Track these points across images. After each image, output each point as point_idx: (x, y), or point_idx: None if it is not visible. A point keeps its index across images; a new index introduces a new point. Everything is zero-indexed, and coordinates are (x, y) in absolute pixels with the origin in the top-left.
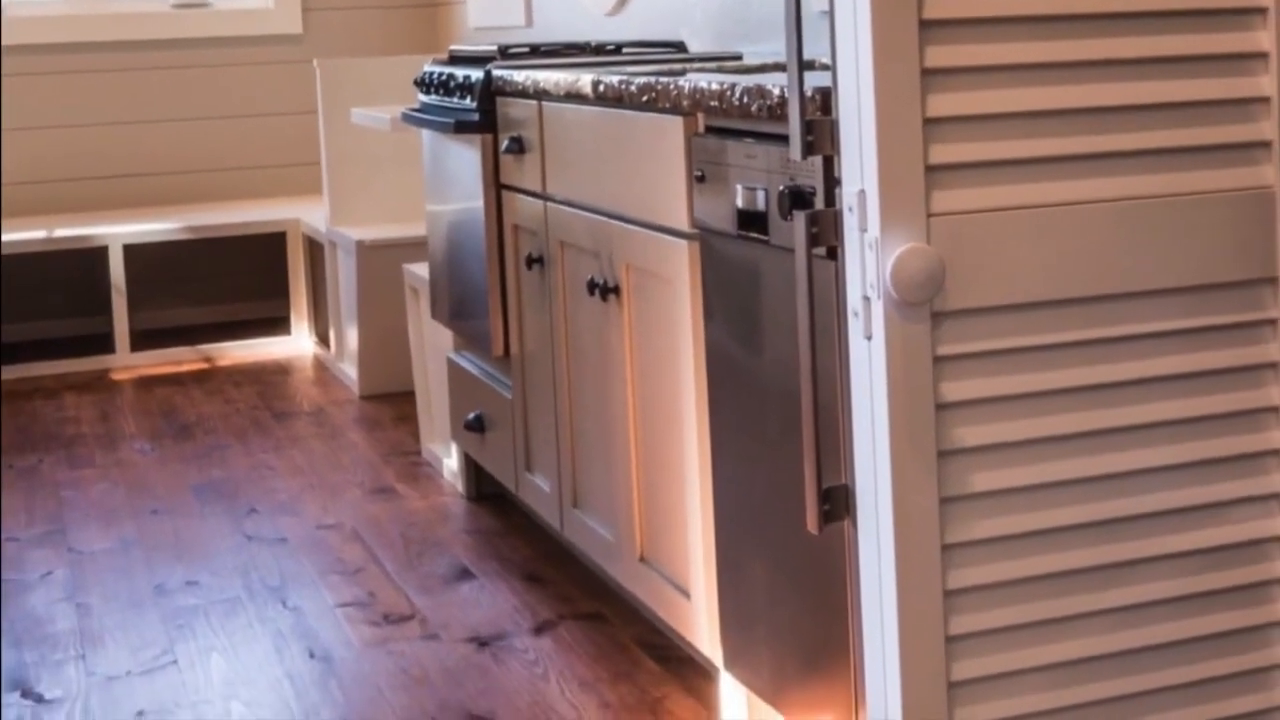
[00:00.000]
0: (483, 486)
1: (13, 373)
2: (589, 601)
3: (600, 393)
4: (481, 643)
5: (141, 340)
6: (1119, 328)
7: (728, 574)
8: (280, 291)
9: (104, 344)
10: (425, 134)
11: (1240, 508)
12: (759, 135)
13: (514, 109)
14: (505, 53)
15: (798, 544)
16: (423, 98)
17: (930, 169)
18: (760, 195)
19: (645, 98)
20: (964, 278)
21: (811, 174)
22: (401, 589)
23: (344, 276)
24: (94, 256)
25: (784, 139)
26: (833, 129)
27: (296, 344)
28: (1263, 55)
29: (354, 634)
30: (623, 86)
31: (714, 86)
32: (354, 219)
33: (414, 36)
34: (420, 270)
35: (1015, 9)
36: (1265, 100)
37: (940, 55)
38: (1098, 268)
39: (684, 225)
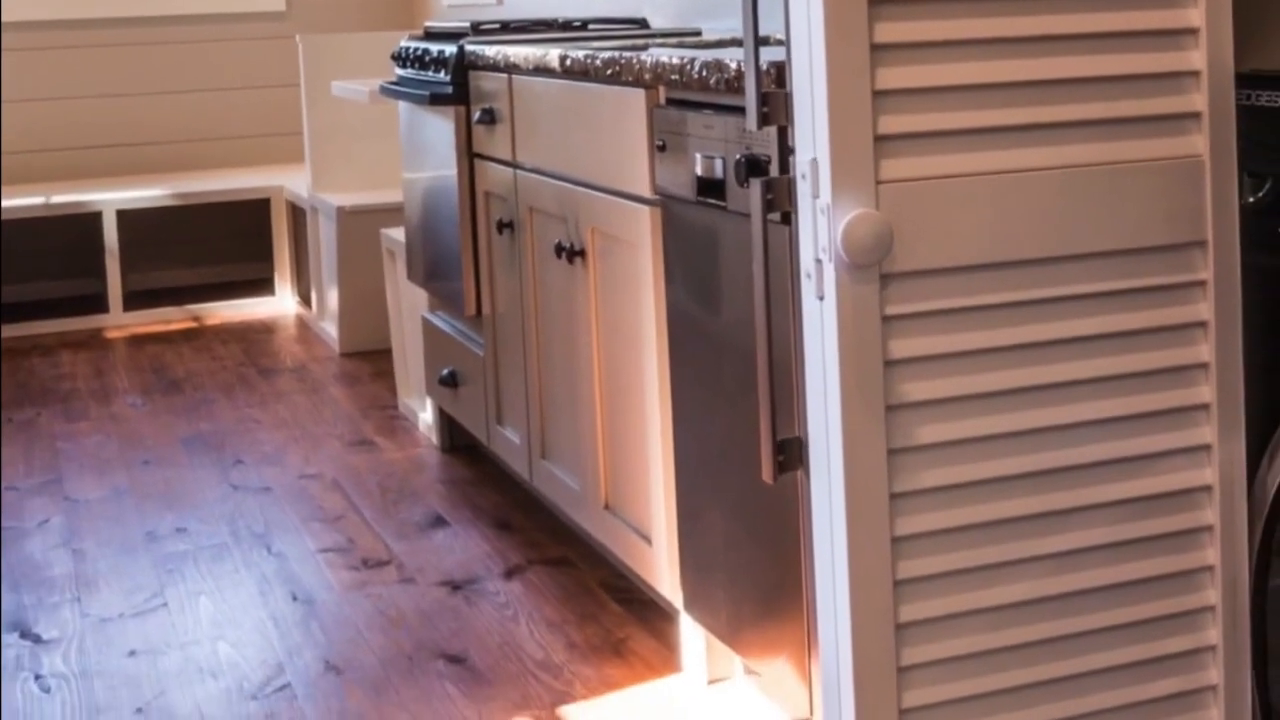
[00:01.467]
0: (456, 439)
1: (12, 331)
2: (556, 547)
3: (567, 350)
4: (455, 586)
5: (133, 300)
6: (1057, 289)
7: (687, 521)
8: (264, 254)
9: (98, 304)
10: (402, 106)
11: (1172, 458)
12: (717, 107)
13: (485, 82)
14: (477, 29)
15: (753, 493)
16: (399, 72)
17: (879, 139)
18: (718, 163)
19: (609, 71)
20: (910, 241)
21: (766, 143)
22: (379, 535)
23: (325, 240)
24: (89, 221)
25: (741, 110)
26: (787, 101)
27: (280, 304)
28: (1193, 31)
29: (334, 578)
30: (588, 61)
31: (674, 61)
32: (334, 186)
33: (391, 13)
34: (397, 234)
35: None
36: (1196, 74)
37: (888, 31)
38: (1037, 232)
39: (646, 192)
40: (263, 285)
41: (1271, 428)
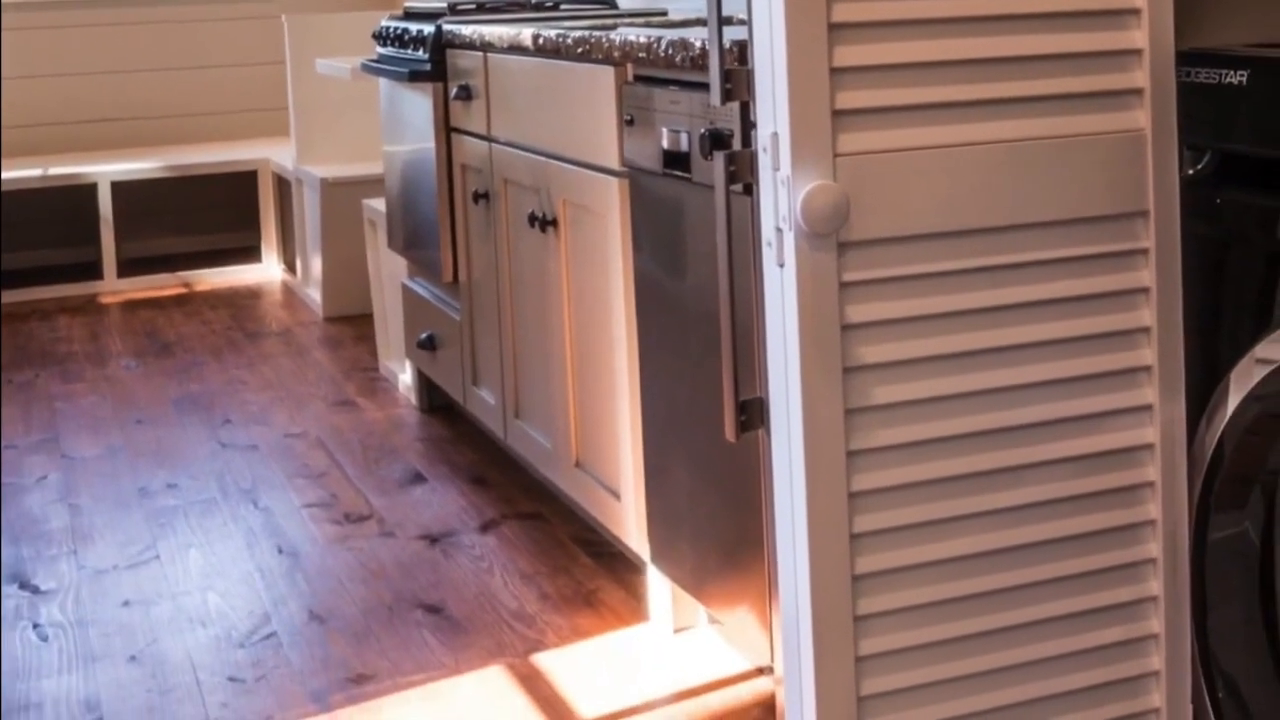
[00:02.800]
0: (434, 399)
1: (11, 297)
2: (529, 502)
3: (540, 315)
4: (432, 540)
5: (127, 267)
6: (1006, 256)
7: (654, 477)
8: (252, 224)
9: (93, 271)
10: (382, 82)
11: (1115, 418)
12: (682, 83)
13: (462, 60)
14: (454, 9)
15: (717, 451)
16: (380, 49)
17: (836, 114)
18: (683, 137)
19: (580, 49)
20: (867, 211)
21: (730, 118)
22: (361, 491)
23: (309, 210)
24: (84, 192)
25: (705, 86)
26: (749, 78)
27: (266, 271)
28: (1136, 11)
29: (318, 531)
30: (560, 39)
31: (642, 39)
32: (318, 158)
33: None
34: (378, 205)
35: None
36: (1138, 52)
37: (845, 11)
38: (987, 202)
39: (615, 164)
40: (250, 253)
41: (1210, 389)
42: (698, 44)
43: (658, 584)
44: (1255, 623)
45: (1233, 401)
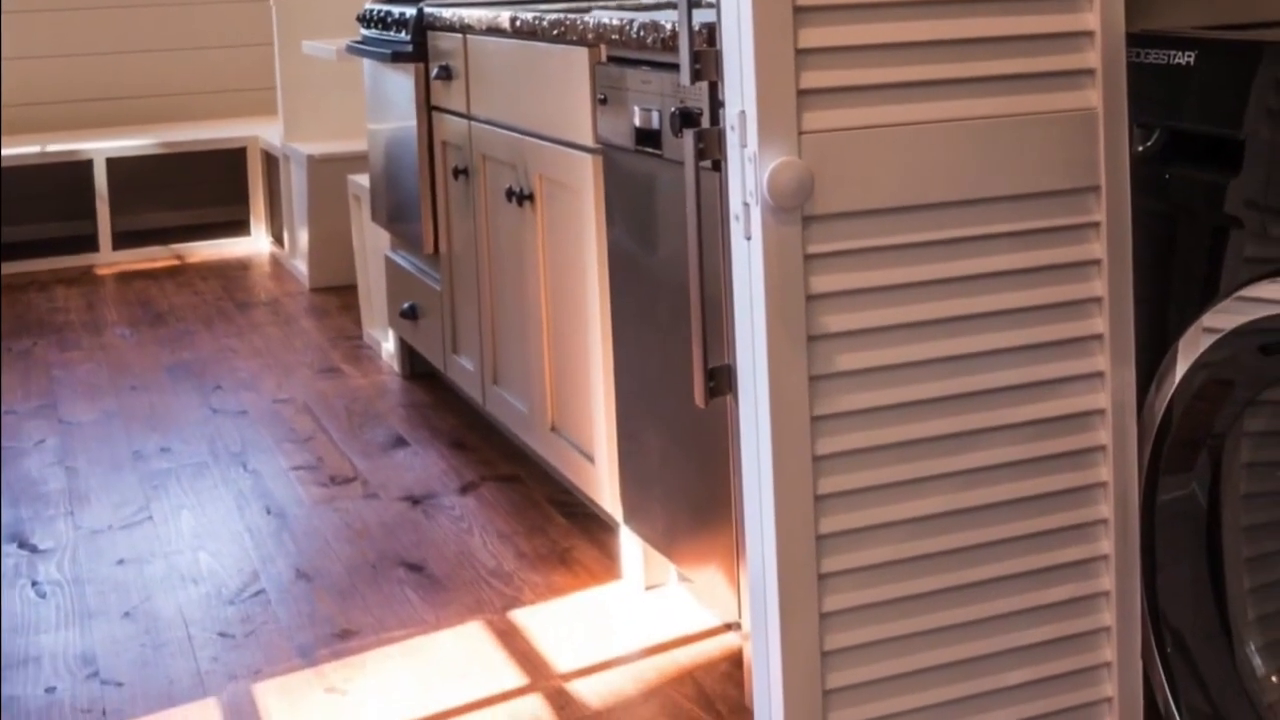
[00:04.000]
0: (415, 366)
1: (10, 268)
2: (507, 465)
3: (517, 285)
4: (414, 501)
5: (122, 240)
6: (964, 229)
7: (627, 441)
8: (241, 198)
9: (89, 244)
10: (366, 63)
11: (1069, 384)
12: (654, 64)
13: (443, 41)
14: None
15: (687, 416)
16: (364, 31)
17: (801, 93)
18: (655, 115)
19: (555, 31)
20: (830, 187)
21: (699, 97)
22: (346, 454)
23: (296, 185)
24: (81, 168)
25: (675, 67)
26: (717, 58)
27: (255, 243)
28: None
29: (305, 493)
30: (536, 22)
31: (615, 22)
32: (305, 136)
33: None
34: (362, 180)
35: None
36: (1090, 34)
37: None
38: (946, 178)
39: (589, 141)
40: (239, 226)
41: (1159, 357)
42: (668, 26)
43: (630, 543)
44: (1202, 581)
45: (1181, 369)
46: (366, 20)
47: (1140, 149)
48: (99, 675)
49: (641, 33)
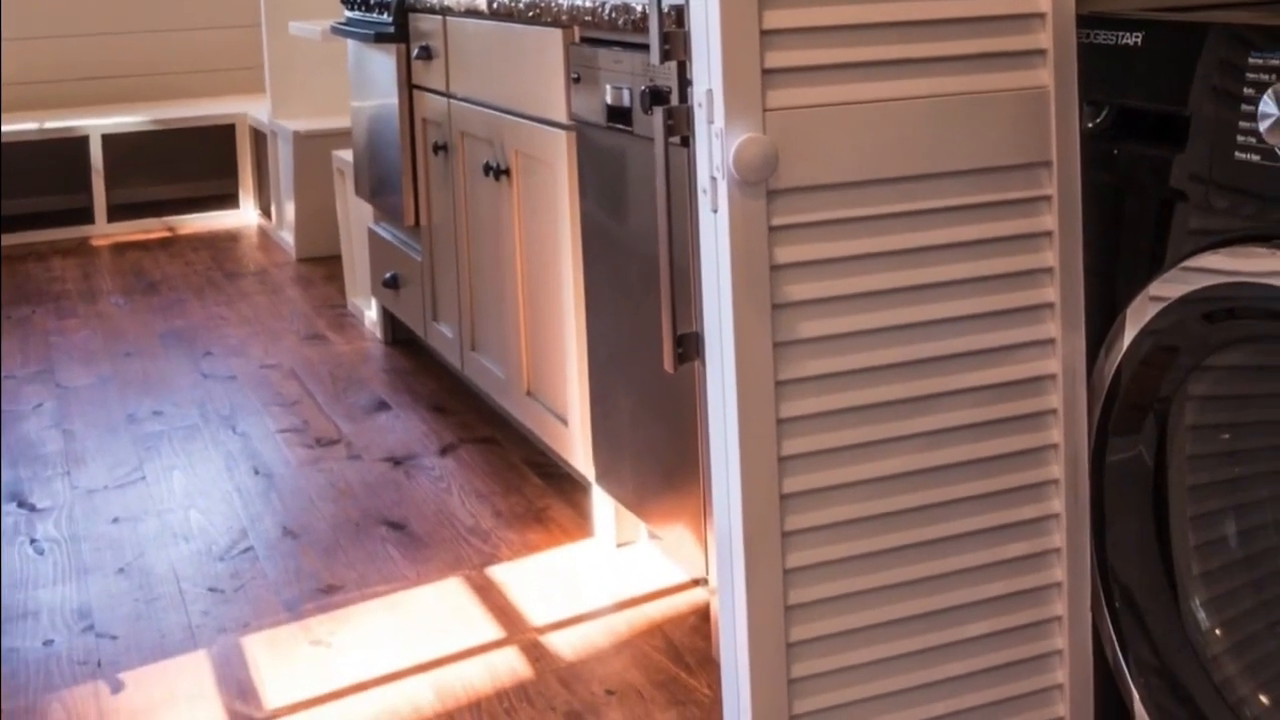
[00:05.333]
0: (397, 333)
1: (9, 240)
2: (485, 428)
3: (494, 256)
4: (396, 462)
5: (116, 213)
6: (922, 202)
7: (599, 405)
8: (230, 173)
9: (85, 216)
10: (350, 43)
11: (1022, 350)
12: (625, 44)
13: (423, 23)
14: None
15: (656, 381)
16: (348, 14)
17: (766, 72)
18: (626, 94)
19: (531, 14)
20: (794, 162)
21: (668, 76)
22: (330, 417)
23: (283, 161)
24: (77, 144)
25: (645, 47)
26: (685, 39)
27: (243, 216)
28: None
29: (291, 454)
30: (512, 4)
31: (588, 4)
32: (291, 113)
33: None
34: (346, 155)
35: None
36: (1042, 15)
37: None
38: (904, 153)
39: (563, 118)
40: (229, 200)
41: (1108, 324)
42: (639, 8)
43: (602, 502)
44: (1149, 538)
45: (1129, 335)
46: (350, 2)
47: (1090, 126)
48: (94, 628)
49: (613, 14)
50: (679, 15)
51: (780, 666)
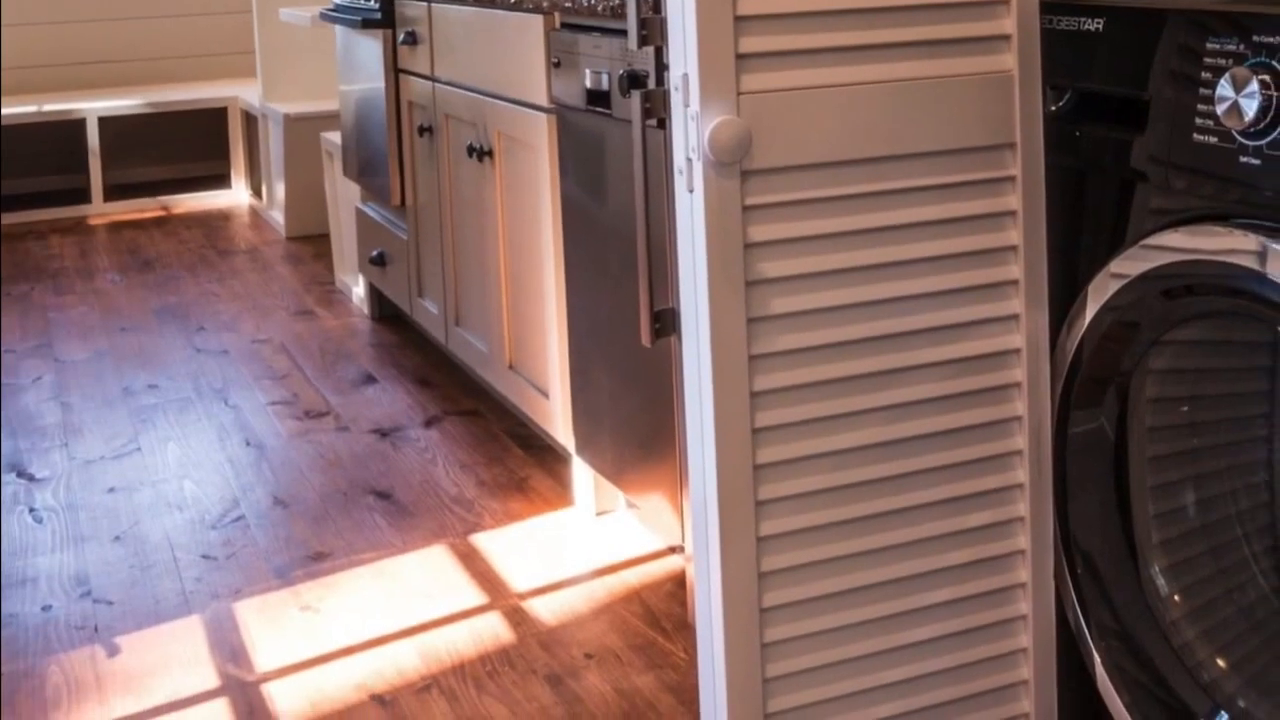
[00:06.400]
0: (383, 309)
1: (9, 219)
2: (468, 400)
3: (477, 234)
4: (382, 433)
5: (112, 193)
6: (891, 183)
7: (579, 378)
8: (223, 154)
9: (82, 196)
10: (339, 29)
11: (987, 326)
12: (604, 30)
13: (409, 9)
14: None
15: (634, 355)
16: (337, 0)
17: (740, 57)
18: (604, 78)
19: (513, 0)
20: (767, 143)
21: (645, 61)
22: (319, 390)
23: (273, 142)
24: (75, 126)
25: (624, 33)
26: (662, 25)
27: (235, 196)
28: None
29: (281, 426)
30: None
31: None
32: (282, 96)
33: None
34: (334, 138)
35: None
36: (1006, 2)
37: None
38: (874, 135)
39: (544, 101)
40: (221, 180)
41: (1070, 300)
42: None
43: (581, 473)
44: (1110, 507)
45: (1090, 311)
46: None
47: (1053, 109)
48: (91, 594)
49: (592, 1)
50: (656, 2)
51: (754, 631)
